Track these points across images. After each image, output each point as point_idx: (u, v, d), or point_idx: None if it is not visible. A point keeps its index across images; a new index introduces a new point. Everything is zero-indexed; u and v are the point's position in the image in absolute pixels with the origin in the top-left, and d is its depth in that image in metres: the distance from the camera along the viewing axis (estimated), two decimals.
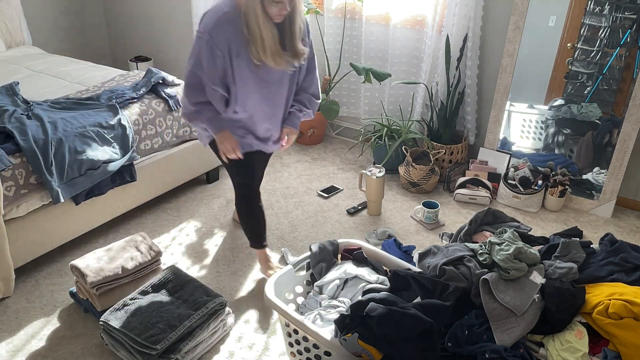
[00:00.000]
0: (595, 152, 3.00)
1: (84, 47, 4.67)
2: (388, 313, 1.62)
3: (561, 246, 2.01)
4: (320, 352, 1.77)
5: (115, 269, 2.16)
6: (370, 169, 2.88)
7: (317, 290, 2.02)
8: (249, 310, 2.28)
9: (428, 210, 2.82)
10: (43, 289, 2.38)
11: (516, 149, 3.22)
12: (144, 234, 2.37)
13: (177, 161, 2.94)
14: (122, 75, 3.11)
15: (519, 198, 2.98)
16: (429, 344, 1.61)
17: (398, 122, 3.32)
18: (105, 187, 2.55)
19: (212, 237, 2.75)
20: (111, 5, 4.70)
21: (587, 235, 2.75)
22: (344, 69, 3.50)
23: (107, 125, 2.54)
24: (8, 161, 2.19)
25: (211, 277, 2.47)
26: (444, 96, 3.22)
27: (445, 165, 3.24)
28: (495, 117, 3.14)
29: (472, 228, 2.44)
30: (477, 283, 1.83)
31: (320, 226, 2.85)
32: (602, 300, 1.73)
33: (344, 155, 3.63)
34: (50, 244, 2.47)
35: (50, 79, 3.14)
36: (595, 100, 2.95)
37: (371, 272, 2.01)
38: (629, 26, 2.75)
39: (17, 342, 2.10)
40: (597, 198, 2.97)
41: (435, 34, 3.15)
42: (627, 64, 2.82)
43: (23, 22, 3.92)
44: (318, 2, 3.53)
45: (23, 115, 2.45)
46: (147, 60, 4.53)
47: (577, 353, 1.66)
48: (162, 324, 1.95)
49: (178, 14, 4.28)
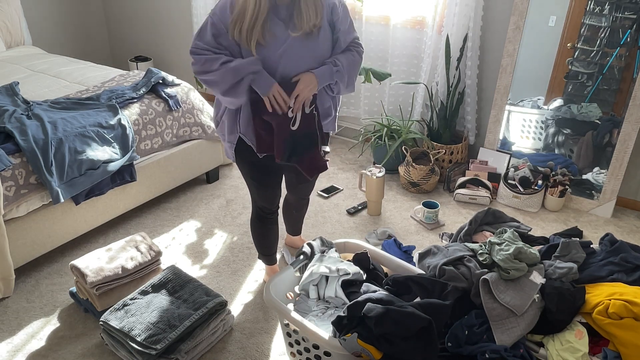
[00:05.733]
0: (595, 152, 3.00)
1: (84, 47, 4.68)
2: (386, 312, 1.62)
3: (561, 246, 2.01)
4: (320, 352, 1.77)
5: (115, 269, 2.16)
6: (370, 169, 2.88)
7: (304, 294, 2.02)
8: (249, 310, 2.28)
9: (428, 210, 2.82)
10: (43, 289, 2.38)
11: (516, 149, 3.22)
12: (144, 234, 2.37)
13: (177, 161, 2.95)
14: (122, 75, 3.11)
15: (519, 198, 2.98)
16: (428, 342, 1.62)
17: (398, 122, 3.32)
18: (105, 187, 2.55)
19: (212, 237, 2.75)
20: (111, 5, 4.70)
21: (587, 235, 2.75)
22: None
23: (107, 125, 2.54)
24: (8, 161, 2.20)
25: (211, 277, 2.47)
26: (444, 96, 3.22)
27: (445, 165, 3.24)
28: (495, 117, 3.14)
29: (472, 228, 2.43)
30: (477, 283, 1.83)
31: (320, 226, 2.85)
32: (602, 300, 1.73)
33: (344, 155, 3.63)
34: (50, 244, 2.47)
35: (50, 79, 3.14)
36: (595, 100, 2.95)
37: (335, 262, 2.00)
38: (629, 26, 2.75)
39: (17, 342, 2.10)
40: (597, 198, 2.96)
41: (435, 34, 3.15)
42: (627, 64, 2.82)
43: (23, 22, 3.92)
44: None
45: (23, 115, 2.45)
46: (147, 60, 4.53)
47: (577, 353, 1.66)
48: (162, 324, 1.95)
49: (178, 14, 4.28)
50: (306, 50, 1.83)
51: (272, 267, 2.42)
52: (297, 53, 1.82)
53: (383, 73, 3.16)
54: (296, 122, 1.87)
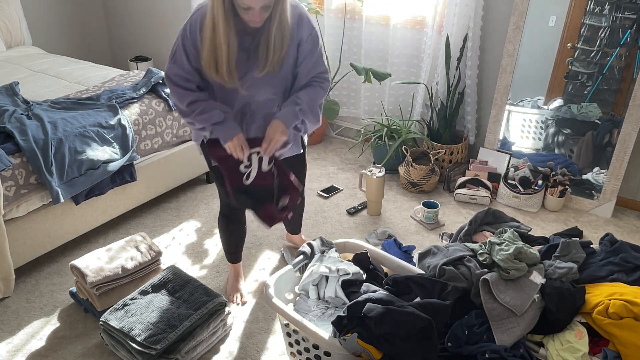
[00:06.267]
0: (595, 152, 3.00)
1: (84, 47, 4.68)
2: (386, 312, 1.62)
3: (561, 246, 2.01)
4: (320, 352, 1.77)
5: (115, 269, 2.16)
6: (370, 169, 2.88)
7: (304, 294, 2.02)
8: (249, 310, 2.28)
9: (428, 210, 2.82)
10: (43, 289, 2.38)
11: (516, 149, 3.22)
12: (144, 234, 2.37)
13: (177, 161, 2.94)
14: (122, 75, 3.11)
15: (519, 198, 2.98)
16: (428, 342, 1.62)
17: (398, 122, 3.32)
18: (105, 187, 2.55)
19: (212, 237, 2.75)
20: (111, 5, 4.70)
21: (587, 235, 2.75)
22: (344, 69, 3.49)
23: (107, 125, 2.54)
24: (8, 161, 2.20)
25: (211, 277, 2.47)
26: (444, 96, 3.22)
27: (445, 165, 3.24)
28: (495, 117, 3.14)
29: (472, 228, 2.43)
30: (477, 283, 1.83)
31: (320, 226, 2.85)
32: (602, 300, 1.73)
33: (344, 155, 3.63)
34: (50, 244, 2.47)
35: (50, 79, 3.14)
36: (595, 100, 2.95)
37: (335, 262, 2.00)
38: (629, 26, 2.75)
39: (17, 342, 2.10)
40: (597, 198, 2.96)
41: (435, 34, 3.15)
42: (627, 64, 2.82)
43: (23, 22, 3.92)
44: (318, 2, 3.53)
45: (23, 115, 2.45)
46: (147, 60, 4.53)
47: (577, 353, 1.66)
48: (162, 324, 1.95)
49: (178, 14, 4.28)
50: (267, 84, 1.86)
51: (234, 265, 2.38)
52: (258, 84, 1.85)
53: (383, 73, 3.16)
54: (250, 177, 1.86)
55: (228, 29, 1.68)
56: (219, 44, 1.70)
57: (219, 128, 1.82)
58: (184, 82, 1.82)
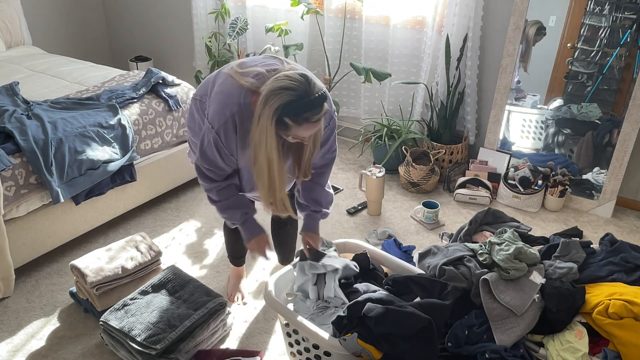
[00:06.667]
0: (595, 152, 3.00)
1: (84, 47, 4.67)
2: (386, 312, 1.62)
3: (561, 246, 2.01)
4: (320, 352, 1.77)
5: (115, 269, 2.16)
6: (370, 169, 2.88)
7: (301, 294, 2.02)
8: (249, 310, 2.28)
9: (428, 210, 2.82)
10: (43, 289, 2.38)
11: (516, 149, 3.22)
12: (144, 234, 2.37)
13: (177, 161, 2.94)
14: (122, 75, 3.10)
15: (519, 198, 2.98)
16: (428, 342, 1.62)
17: (398, 122, 3.32)
18: (105, 187, 2.55)
19: (212, 237, 2.75)
20: (111, 5, 4.70)
21: (587, 235, 2.75)
22: (344, 69, 3.49)
23: (107, 125, 2.54)
24: (8, 161, 2.20)
25: (211, 277, 2.47)
26: (444, 96, 3.22)
27: (445, 165, 3.24)
28: (495, 117, 3.14)
29: (472, 228, 2.44)
30: (477, 283, 1.83)
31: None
32: (602, 300, 1.73)
33: (344, 155, 3.63)
34: (50, 244, 2.47)
35: (50, 79, 3.14)
36: (595, 100, 2.95)
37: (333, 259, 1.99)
38: (629, 26, 2.75)
39: (17, 342, 2.10)
40: (597, 198, 2.96)
41: (435, 34, 3.15)
42: (627, 64, 2.82)
43: (23, 22, 3.92)
44: (318, 2, 3.53)
45: (23, 115, 2.45)
46: (147, 60, 4.53)
47: (577, 353, 1.66)
48: (162, 324, 1.95)
49: (178, 13, 4.28)
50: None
51: (237, 268, 2.37)
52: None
53: (383, 73, 3.16)
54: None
55: (281, 166, 1.68)
56: (272, 177, 1.68)
57: (243, 227, 1.95)
58: (215, 175, 1.84)
